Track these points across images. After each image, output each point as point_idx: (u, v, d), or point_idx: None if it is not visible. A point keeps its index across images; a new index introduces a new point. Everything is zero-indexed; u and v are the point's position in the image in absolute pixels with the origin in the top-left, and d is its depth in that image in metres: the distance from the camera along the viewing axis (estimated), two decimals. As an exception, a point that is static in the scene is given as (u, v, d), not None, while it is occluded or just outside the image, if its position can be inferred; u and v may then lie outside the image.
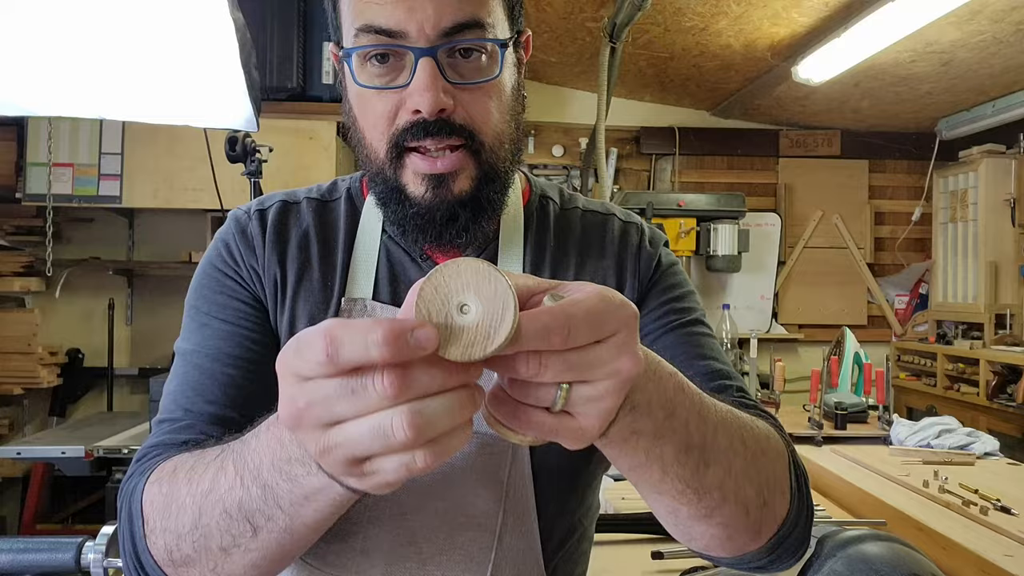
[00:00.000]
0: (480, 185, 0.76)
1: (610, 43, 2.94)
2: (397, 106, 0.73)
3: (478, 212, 0.76)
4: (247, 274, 0.82)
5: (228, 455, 0.60)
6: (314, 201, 0.87)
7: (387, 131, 0.74)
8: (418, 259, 0.83)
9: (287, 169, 3.13)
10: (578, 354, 0.46)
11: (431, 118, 0.71)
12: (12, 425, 3.59)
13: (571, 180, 4.15)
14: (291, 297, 0.81)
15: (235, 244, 0.83)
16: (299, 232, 0.84)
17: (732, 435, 0.63)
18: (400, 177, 0.75)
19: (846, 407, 2.60)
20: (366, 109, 0.75)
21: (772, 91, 3.64)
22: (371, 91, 0.74)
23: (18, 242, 3.59)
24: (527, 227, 0.86)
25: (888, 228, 4.34)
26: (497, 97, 0.75)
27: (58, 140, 3.23)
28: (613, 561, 1.36)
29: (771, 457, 0.68)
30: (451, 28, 0.70)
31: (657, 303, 0.85)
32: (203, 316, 0.81)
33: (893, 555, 0.78)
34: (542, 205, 0.89)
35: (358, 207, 0.87)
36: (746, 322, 3.95)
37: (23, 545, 1.04)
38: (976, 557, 1.52)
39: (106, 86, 1.59)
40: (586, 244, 0.87)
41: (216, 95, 1.71)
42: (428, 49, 0.70)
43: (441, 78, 0.71)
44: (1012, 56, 3.02)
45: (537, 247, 0.86)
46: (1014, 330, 3.60)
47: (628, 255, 0.87)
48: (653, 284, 0.86)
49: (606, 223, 0.89)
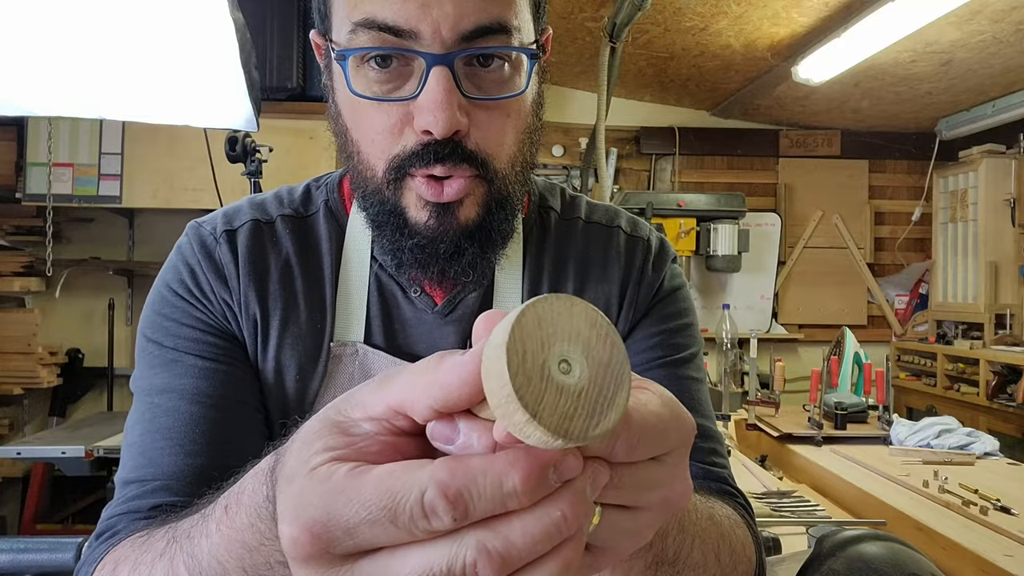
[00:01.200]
0: (489, 212, 0.65)
1: (610, 43, 2.94)
2: (402, 121, 0.61)
3: (486, 245, 0.65)
4: (218, 307, 0.71)
5: (177, 549, 0.47)
6: (290, 220, 0.75)
7: (389, 150, 0.62)
8: (410, 294, 0.73)
9: (287, 169, 3.13)
10: (631, 471, 0.35)
11: (443, 139, 0.59)
12: (12, 425, 3.59)
13: (571, 180, 4.15)
14: (276, 342, 0.70)
15: (201, 271, 0.71)
16: (279, 262, 0.72)
17: (707, 549, 0.56)
18: (400, 199, 0.64)
19: (846, 407, 2.61)
20: (361, 121, 0.63)
21: (772, 91, 3.64)
22: (371, 102, 0.61)
23: (18, 242, 3.59)
24: (526, 242, 0.76)
25: (888, 228, 4.34)
26: (516, 115, 0.64)
27: (58, 140, 3.23)
28: (613, 561, 1.35)
29: (737, 564, 0.61)
30: (472, 31, 0.59)
31: (652, 331, 0.76)
32: (168, 351, 0.69)
33: (892, 555, 0.78)
34: (542, 216, 0.79)
35: (341, 224, 0.75)
36: (746, 322, 3.95)
37: (23, 545, 1.04)
38: (976, 557, 1.52)
39: (106, 86, 1.59)
40: (587, 263, 0.77)
41: (216, 95, 1.71)
42: (444, 56, 0.58)
43: (458, 92, 0.59)
44: (1012, 56, 3.02)
45: (535, 266, 0.75)
46: (1014, 330, 3.60)
47: (631, 279, 0.77)
48: (651, 308, 0.77)
49: (610, 238, 0.78)
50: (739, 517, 0.65)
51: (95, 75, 1.56)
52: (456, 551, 0.30)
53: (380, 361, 0.70)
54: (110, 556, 0.56)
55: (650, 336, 0.76)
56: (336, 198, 0.77)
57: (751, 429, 2.76)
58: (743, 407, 2.91)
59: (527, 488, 0.30)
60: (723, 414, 2.49)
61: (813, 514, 1.68)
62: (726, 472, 0.73)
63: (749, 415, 2.80)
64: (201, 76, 1.66)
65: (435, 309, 0.73)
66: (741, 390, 3.20)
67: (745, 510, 0.70)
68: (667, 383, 0.67)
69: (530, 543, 0.31)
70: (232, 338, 0.71)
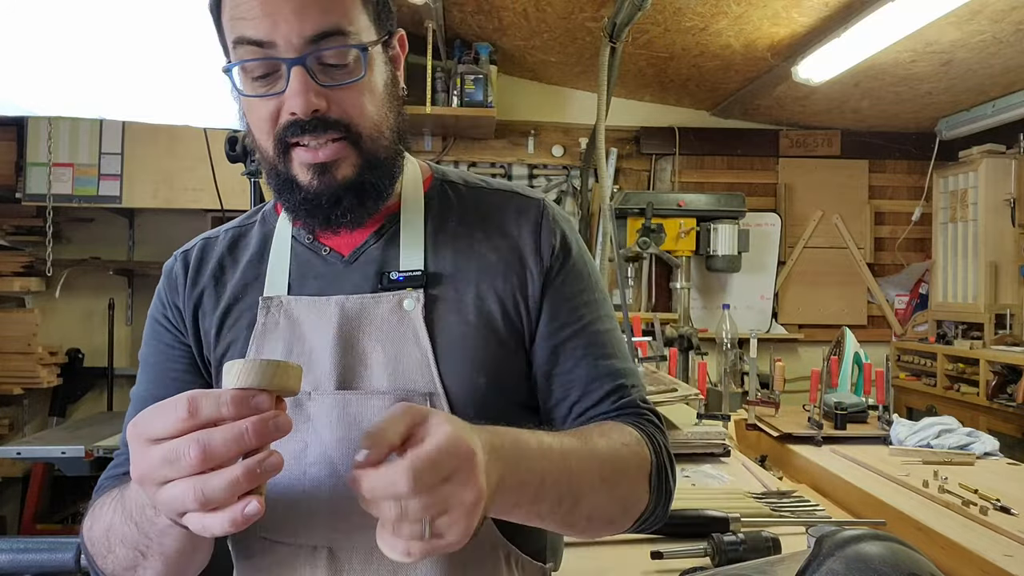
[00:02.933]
0: (362, 171, 0.83)
1: (610, 43, 2.94)
2: (278, 107, 0.80)
3: (362, 196, 0.84)
4: (172, 314, 0.93)
5: (119, 498, 0.76)
6: (231, 230, 0.98)
7: (271, 131, 0.82)
8: (321, 253, 0.91)
9: (287, 169, 3.13)
10: (429, 494, 0.58)
11: (306, 118, 0.79)
12: (12, 425, 3.59)
13: (571, 180, 4.16)
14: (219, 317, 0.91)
15: (163, 289, 0.95)
16: (216, 261, 0.95)
17: (594, 476, 0.78)
18: (290, 169, 0.83)
19: (846, 407, 2.61)
20: (252, 115, 0.83)
21: (772, 91, 3.64)
22: (255, 99, 0.81)
23: (18, 242, 3.59)
24: (428, 208, 0.92)
25: (888, 228, 4.34)
26: (370, 93, 0.82)
27: (58, 140, 3.24)
28: (613, 561, 1.36)
29: (631, 476, 0.83)
30: (315, 36, 0.77)
31: (560, 304, 0.90)
32: (143, 364, 0.94)
33: (892, 555, 0.78)
34: (443, 188, 0.95)
35: (270, 223, 0.96)
36: (746, 322, 3.95)
37: (23, 545, 1.04)
38: (976, 557, 1.52)
39: (106, 86, 1.59)
40: (489, 221, 0.92)
41: (216, 95, 1.71)
42: (297, 59, 0.77)
43: (312, 83, 0.78)
44: (1012, 56, 3.02)
45: (440, 225, 0.92)
46: (1014, 330, 3.60)
47: (529, 232, 0.91)
48: (555, 276, 0.90)
49: (509, 201, 0.94)
50: (631, 432, 0.85)
51: (95, 75, 1.57)
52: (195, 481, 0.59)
53: (301, 304, 0.87)
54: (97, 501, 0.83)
55: (562, 307, 0.90)
56: (270, 209, 0.98)
57: (751, 429, 2.76)
58: (743, 407, 2.91)
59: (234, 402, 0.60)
60: (723, 414, 2.49)
61: (813, 514, 1.68)
62: (634, 396, 0.91)
63: (749, 415, 2.80)
64: (201, 76, 1.66)
65: (343, 260, 0.90)
66: (741, 390, 3.20)
67: (647, 419, 0.90)
68: (584, 345, 0.91)
69: (222, 443, 0.59)
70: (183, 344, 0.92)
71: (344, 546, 0.82)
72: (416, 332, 0.84)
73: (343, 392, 0.83)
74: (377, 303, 0.85)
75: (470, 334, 0.86)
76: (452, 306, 0.86)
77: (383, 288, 0.86)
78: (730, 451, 2.19)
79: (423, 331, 0.84)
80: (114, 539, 0.76)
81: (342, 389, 0.83)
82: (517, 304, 0.88)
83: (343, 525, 0.81)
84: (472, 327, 0.85)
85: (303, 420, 0.82)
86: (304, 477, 0.81)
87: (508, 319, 0.87)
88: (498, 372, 0.86)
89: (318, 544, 0.82)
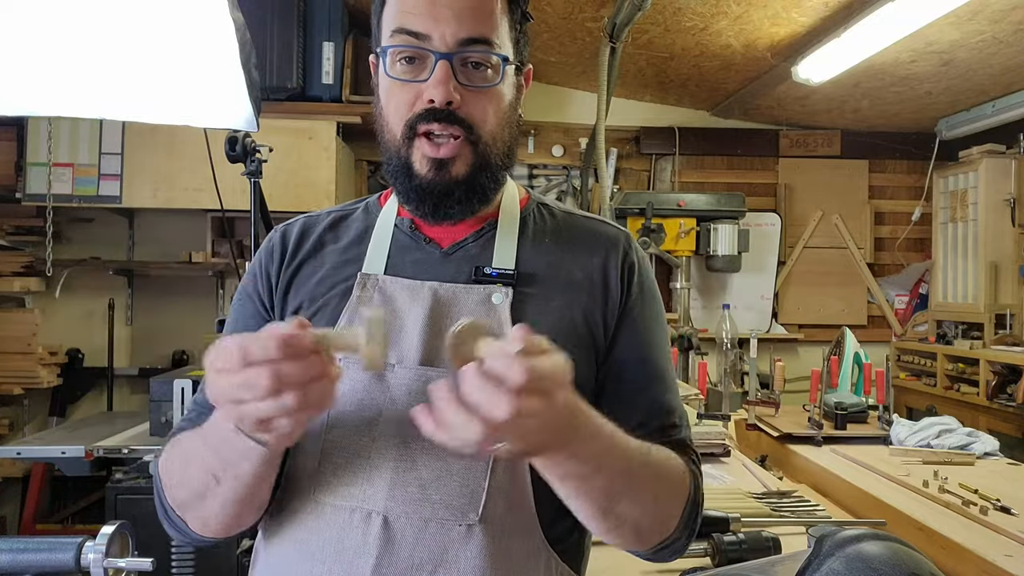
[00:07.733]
0: (475, 172, 0.90)
1: (610, 43, 2.94)
2: (416, 96, 0.88)
3: (471, 192, 0.91)
4: (262, 284, 0.98)
5: (199, 430, 0.81)
6: (333, 213, 1.04)
7: (405, 115, 0.89)
8: (421, 242, 0.97)
9: (287, 169, 3.13)
10: (527, 397, 0.62)
11: (441, 107, 0.86)
12: (12, 425, 3.59)
13: (571, 180, 4.16)
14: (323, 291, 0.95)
15: (259, 259, 1.01)
16: (316, 237, 1.00)
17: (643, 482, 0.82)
18: (410, 155, 0.90)
19: (846, 407, 2.61)
20: (391, 97, 0.91)
21: (772, 91, 3.64)
22: (398, 82, 0.90)
23: (18, 242, 3.59)
24: (523, 222, 1.00)
25: (888, 228, 4.34)
26: (496, 103, 0.91)
27: (58, 140, 3.23)
28: (613, 561, 1.36)
29: (673, 495, 0.88)
30: (466, 40, 0.87)
31: (634, 333, 0.96)
32: (226, 332, 0.99)
33: (892, 554, 0.78)
34: (538, 208, 1.03)
35: (373, 213, 1.02)
36: (746, 322, 3.95)
37: (23, 545, 1.04)
38: (976, 557, 1.52)
39: (106, 86, 1.59)
40: (578, 243, 1.00)
41: (216, 95, 1.71)
42: (446, 54, 0.86)
43: (453, 78, 0.87)
44: (1012, 56, 3.02)
45: (533, 238, 0.99)
46: (1014, 330, 3.60)
47: (615, 260, 0.98)
48: (633, 305, 0.97)
49: (599, 228, 1.02)
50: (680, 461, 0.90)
51: (95, 75, 1.57)
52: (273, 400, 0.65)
53: (397, 284, 0.93)
54: (175, 438, 0.90)
55: (634, 332, 0.96)
56: (373, 201, 1.05)
57: (751, 429, 2.76)
58: (743, 407, 2.91)
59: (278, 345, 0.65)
60: (723, 414, 2.49)
61: (813, 514, 1.68)
62: (684, 435, 0.97)
63: (749, 415, 2.80)
64: (201, 76, 1.66)
65: (441, 251, 0.97)
66: (741, 390, 3.21)
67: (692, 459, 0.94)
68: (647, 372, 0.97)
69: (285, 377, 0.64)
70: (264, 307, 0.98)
71: (400, 515, 0.84)
72: (501, 324, 0.89)
73: (425, 368, 0.87)
74: (468, 293, 0.91)
75: (550, 334, 0.87)
76: (537, 307, 0.92)
77: (476, 280, 0.93)
78: (730, 451, 2.19)
79: (508, 323, 0.89)
80: (190, 468, 0.83)
81: (424, 365, 0.88)
82: (596, 321, 0.94)
83: (401, 495, 0.84)
84: (553, 328, 0.87)
85: (382, 391, 0.87)
86: (372, 445, 0.86)
87: (587, 330, 0.93)
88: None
89: (374, 510, 0.84)
